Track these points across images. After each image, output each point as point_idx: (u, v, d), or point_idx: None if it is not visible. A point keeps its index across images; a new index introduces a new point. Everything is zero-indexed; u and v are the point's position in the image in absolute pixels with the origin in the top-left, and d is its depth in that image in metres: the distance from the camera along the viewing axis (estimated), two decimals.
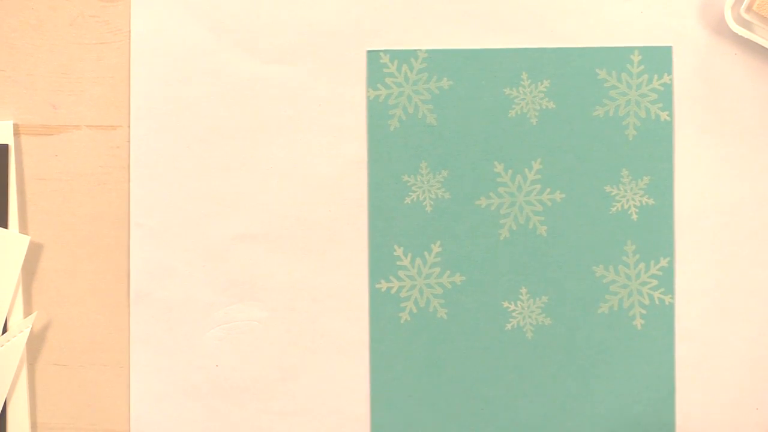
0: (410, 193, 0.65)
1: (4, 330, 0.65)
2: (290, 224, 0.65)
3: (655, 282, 0.64)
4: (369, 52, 0.65)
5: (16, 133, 0.66)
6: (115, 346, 0.66)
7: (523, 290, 0.65)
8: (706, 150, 0.64)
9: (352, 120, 0.65)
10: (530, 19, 0.65)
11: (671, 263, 0.64)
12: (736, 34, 0.63)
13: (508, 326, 0.65)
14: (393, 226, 0.65)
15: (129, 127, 0.66)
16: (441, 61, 0.65)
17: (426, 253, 0.65)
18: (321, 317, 0.65)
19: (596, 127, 0.64)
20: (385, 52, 0.65)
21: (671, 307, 0.64)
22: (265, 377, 0.65)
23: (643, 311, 0.64)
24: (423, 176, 0.65)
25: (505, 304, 0.65)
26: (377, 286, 0.65)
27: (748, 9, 0.63)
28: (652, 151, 0.64)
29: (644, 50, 0.64)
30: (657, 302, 0.64)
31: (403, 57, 0.65)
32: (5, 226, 0.65)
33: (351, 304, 0.65)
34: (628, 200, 0.64)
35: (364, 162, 0.65)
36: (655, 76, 0.64)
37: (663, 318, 0.64)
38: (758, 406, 0.64)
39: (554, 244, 0.64)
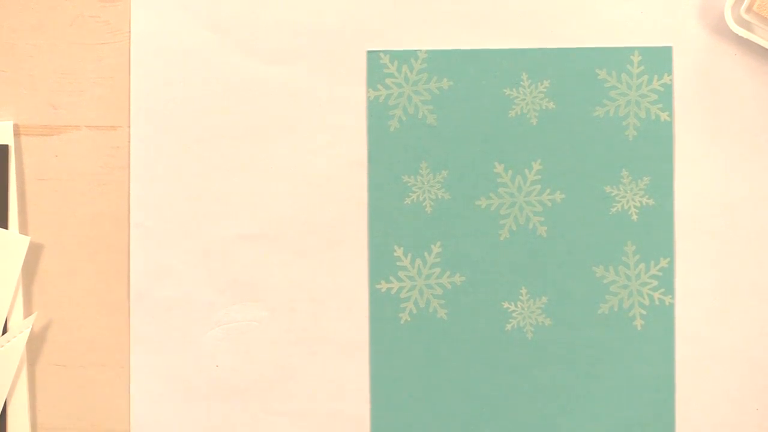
0: (410, 194, 0.65)
1: (4, 330, 0.65)
2: (290, 224, 0.65)
3: (655, 282, 0.64)
4: (369, 52, 0.65)
5: (17, 133, 0.66)
6: (115, 346, 0.66)
7: (523, 290, 0.65)
8: (706, 150, 0.64)
9: (352, 120, 0.65)
10: (530, 19, 0.65)
11: (671, 263, 0.64)
12: (736, 34, 0.63)
13: (508, 326, 0.65)
14: (393, 227, 0.65)
15: (129, 127, 0.66)
16: (441, 61, 0.65)
17: (426, 253, 0.65)
18: (321, 317, 0.65)
19: (596, 128, 0.64)
20: (385, 52, 0.65)
21: (671, 307, 0.64)
22: (265, 377, 0.65)
23: (643, 312, 0.64)
24: (423, 176, 0.65)
25: (505, 305, 0.65)
26: (377, 286, 0.65)
27: (748, 9, 0.63)
28: (652, 152, 0.64)
29: (644, 50, 0.64)
30: (657, 303, 0.64)
31: (403, 57, 0.65)
32: (5, 226, 0.65)
33: (351, 305, 0.65)
34: (628, 200, 0.64)
35: (364, 162, 0.65)
36: (655, 77, 0.64)
37: (663, 318, 0.64)
38: (758, 406, 0.64)
39: (554, 244, 0.64)
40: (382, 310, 0.65)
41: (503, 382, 0.65)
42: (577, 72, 0.64)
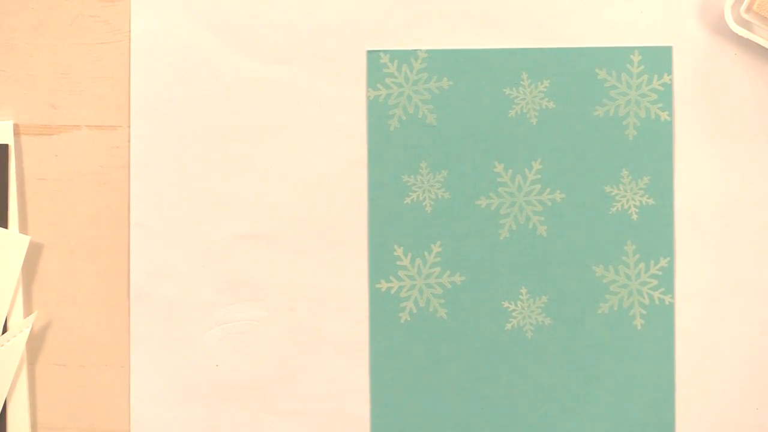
0: (410, 193, 0.65)
1: (4, 330, 0.65)
2: (290, 224, 0.65)
3: (655, 282, 0.64)
4: (369, 52, 0.65)
5: (16, 133, 0.66)
6: (115, 346, 0.66)
7: (523, 290, 0.65)
8: (706, 150, 0.64)
9: (352, 120, 0.65)
10: (530, 19, 0.65)
11: (671, 263, 0.64)
12: (736, 34, 0.63)
13: (508, 326, 0.65)
14: (393, 226, 0.65)
15: (129, 127, 0.66)
16: (441, 61, 0.65)
17: (426, 253, 0.65)
18: (321, 317, 0.65)
19: (596, 127, 0.64)
20: (385, 52, 0.65)
21: (671, 307, 0.64)
22: (265, 377, 0.65)
23: (643, 311, 0.64)
24: (423, 176, 0.65)
25: (505, 304, 0.65)
26: (377, 286, 0.65)
27: (748, 9, 0.63)
28: (652, 151, 0.64)
29: (644, 50, 0.64)
30: (657, 302, 0.64)
31: (403, 57, 0.65)
32: (5, 226, 0.65)
33: (351, 304, 0.65)
34: (628, 200, 0.64)
35: (364, 162, 0.65)
36: (655, 76, 0.64)
37: (663, 318, 0.64)
38: (758, 406, 0.64)
39: (554, 244, 0.64)
40: (382, 309, 0.65)
41: (503, 382, 0.65)
42: (577, 72, 0.64)
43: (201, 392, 0.65)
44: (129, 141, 0.66)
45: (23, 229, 0.66)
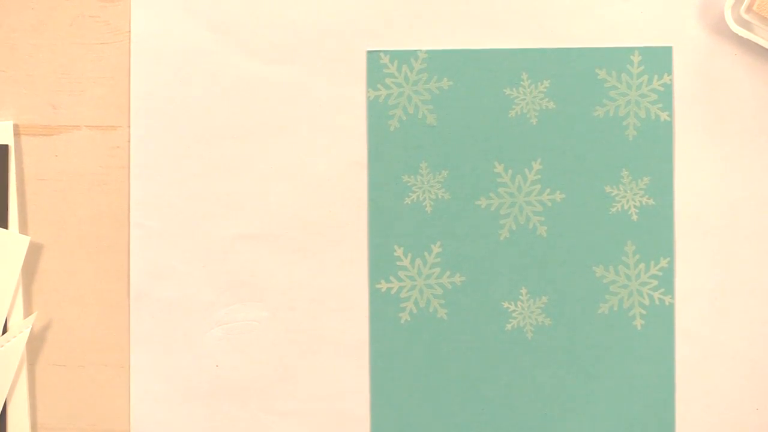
0: (410, 193, 0.65)
1: (4, 330, 0.65)
2: (290, 224, 0.65)
3: (655, 282, 0.64)
4: (369, 52, 0.65)
5: (16, 133, 0.66)
6: (115, 346, 0.66)
7: (523, 290, 0.65)
8: (706, 150, 0.64)
9: (352, 120, 0.65)
10: (530, 19, 0.65)
11: (671, 263, 0.64)
12: (736, 34, 0.63)
13: (508, 326, 0.65)
14: (393, 226, 0.65)
15: (129, 127, 0.66)
16: (441, 61, 0.65)
17: (426, 253, 0.65)
18: (321, 317, 0.65)
19: (596, 127, 0.64)
20: (385, 52, 0.65)
21: (671, 307, 0.64)
22: (265, 377, 0.65)
23: (643, 311, 0.64)
24: (423, 176, 0.65)
25: (505, 304, 0.65)
26: (377, 286, 0.65)
27: (748, 9, 0.63)
28: (652, 151, 0.64)
29: (644, 50, 0.64)
30: (657, 302, 0.64)
31: (403, 57, 0.65)
32: (5, 226, 0.65)
33: (351, 304, 0.65)
34: (628, 200, 0.64)
35: (364, 162, 0.65)
36: (655, 77, 0.64)
37: (663, 318, 0.64)
38: (758, 406, 0.64)
39: (554, 244, 0.64)
40: (382, 310, 0.65)
41: (503, 382, 0.65)
42: (577, 72, 0.64)
43: (201, 392, 0.65)
44: (129, 141, 0.66)
45: (23, 229, 0.66)
